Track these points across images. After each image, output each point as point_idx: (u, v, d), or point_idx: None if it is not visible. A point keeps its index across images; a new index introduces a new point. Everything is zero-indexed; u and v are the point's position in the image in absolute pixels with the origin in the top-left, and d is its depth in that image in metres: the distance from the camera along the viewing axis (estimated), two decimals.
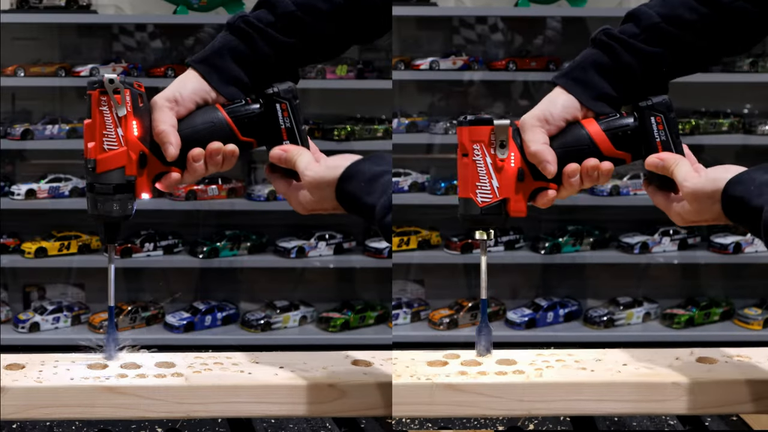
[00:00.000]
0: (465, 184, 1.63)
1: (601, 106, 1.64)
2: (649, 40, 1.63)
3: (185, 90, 1.62)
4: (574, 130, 1.63)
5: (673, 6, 1.63)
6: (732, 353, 1.75)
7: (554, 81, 1.66)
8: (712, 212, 1.55)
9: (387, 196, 1.51)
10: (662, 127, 1.62)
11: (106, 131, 1.57)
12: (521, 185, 1.63)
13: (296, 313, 5.18)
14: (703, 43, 1.65)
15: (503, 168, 1.62)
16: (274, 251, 5.21)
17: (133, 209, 1.61)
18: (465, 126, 1.63)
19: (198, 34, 5.33)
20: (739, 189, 1.49)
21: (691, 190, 1.56)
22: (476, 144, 1.62)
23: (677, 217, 1.61)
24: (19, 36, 5.19)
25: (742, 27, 1.64)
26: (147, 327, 5.12)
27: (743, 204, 1.48)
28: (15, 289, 5.26)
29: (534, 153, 1.60)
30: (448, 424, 2.10)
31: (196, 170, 1.61)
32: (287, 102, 1.63)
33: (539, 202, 1.64)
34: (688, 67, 1.68)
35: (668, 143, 1.63)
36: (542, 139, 1.61)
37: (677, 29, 1.63)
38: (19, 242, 5.10)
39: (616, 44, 1.63)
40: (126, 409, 1.59)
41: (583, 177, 1.62)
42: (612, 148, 1.63)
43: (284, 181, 1.64)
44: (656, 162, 1.61)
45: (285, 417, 2.01)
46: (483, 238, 1.66)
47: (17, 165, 5.27)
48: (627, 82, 1.64)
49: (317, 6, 1.64)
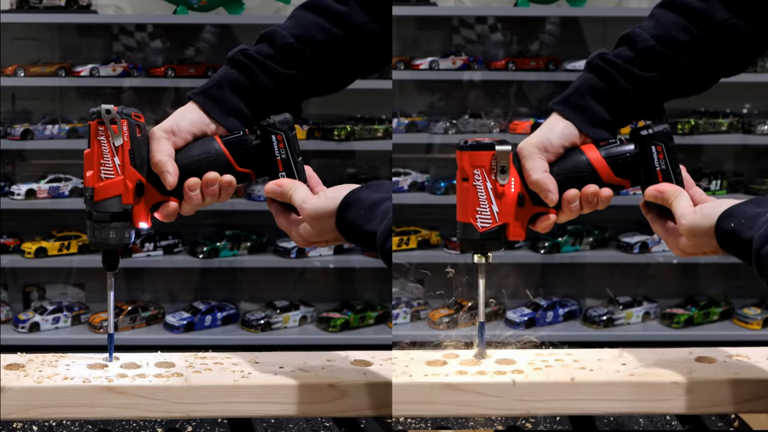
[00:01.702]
0: (464, 208, 1.63)
1: (599, 131, 1.65)
2: (644, 64, 1.64)
3: (183, 122, 1.64)
4: (573, 156, 1.64)
5: (666, 28, 1.64)
6: (731, 353, 1.75)
7: (552, 107, 1.67)
8: (710, 246, 1.57)
9: (387, 223, 1.52)
10: (662, 156, 1.63)
11: (104, 160, 1.60)
12: (521, 210, 1.63)
13: (296, 313, 5.18)
14: (698, 65, 1.66)
15: (504, 193, 1.62)
16: (274, 251, 5.22)
17: (130, 238, 1.63)
18: (466, 151, 1.62)
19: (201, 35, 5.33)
20: (731, 222, 1.51)
21: (687, 227, 1.57)
22: (477, 169, 1.62)
23: (677, 250, 1.63)
24: (19, 36, 5.19)
25: (736, 46, 1.65)
26: (147, 327, 5.12)
27: (735, 237, 1.50)
28: (15, 289, 5.27)
29: (536, 182, 1.61)
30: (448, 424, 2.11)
31: (192, 199, 1.62)
32: (283, 133, 1.64)
33: (539, 227, 1.65)
34: (683, 90, 1.70)
35: (668, 172, 1.63)
36: (542, 167, 1.62)
37: (672, 51, 1.64)
38: (19, 242, 5.10)
39: (611, 69, 1.64)
40: (126, 409, 1.59)
41: (582, 203, 1.64)
42: (612, 174, 1.64)
43: (284, 215, 1.65)
44: (655, 194, 1.63)
45: (285, 417, 2.01)
46: (481, 261, 1.67)
47: (17, 165, 5.27)
48: (623, 106, 1.66)
49: (315, 37, 1.66)
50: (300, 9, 1.70)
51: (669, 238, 1.63)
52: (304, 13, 1.68)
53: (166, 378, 1.62)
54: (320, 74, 1.68)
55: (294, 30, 1.66)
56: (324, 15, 1.67)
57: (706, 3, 1.64)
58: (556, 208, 1.64)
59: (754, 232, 1.45)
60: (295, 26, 1.67)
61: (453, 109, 5.34)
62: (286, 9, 5.06)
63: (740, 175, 5.29)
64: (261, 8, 5.31)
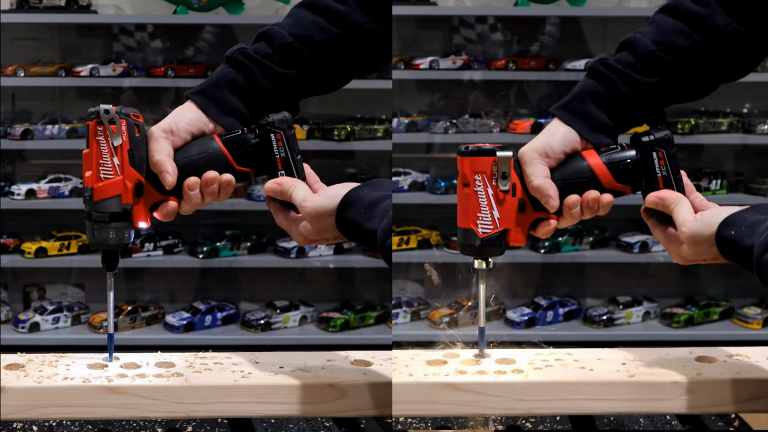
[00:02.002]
0: (465, 214, 1.63)
1: (600, 137, 1.65)
2: (645, 69, 1.64)
3: (182, 121, 1.64)
4: (574, 162, 1.64)
5: (667, 33, 1.64)
6: (731, 352, 1.75)
7: (553, 112, 1.66)
8: (711, 253, 1.57)
9: (387, 221, 1.51)
10: (664, 163, 1.63)
11: (102, 160, 1.60)
12: (522, 216, 1.63)
13: (296, 313, 5.18)
14: (698, 70, 1.66)
15: (504, 199, 1.62)
16: (274, 251, 5.22)
17: (130, 238, 1.63)
18: (467, 156, 1.62)
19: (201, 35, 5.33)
20: (731, 230, 1.51)
21: (688, 235, 1.57)
22: (478, 175, 1.61)
23: (677, 257, 1.63)
24: (19, 36, 5.19)
25: (736, 51, 1.65)
26: (147, 327, 5.12)
27: (735, 244, 1.50)
28: (15, 289, 5.27)
29: (537, 188, 1.61)
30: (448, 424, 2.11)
31: (192, 199, 1.62)
32: (282, 132, 1.64)
33: (540, 232, 1.65)
34: (684, 96, 1.70)
35: (669, 178, 1.63)
36: (543, 172, 1.62)
37: (672, 57, 1.64)
38: (19, 242, 5.10)
39: (612, 75, 1.64)
40: (126, 409, 1.59)
41: (583, 208, 1.64)
42: (613, 180, 1.64)
43: (283, 213, 1.65)
44: (656, 201, 1.63)
45: (285, 417, 2.01)
46: (482, 267, 1.67)
47: (17, 165, 5.27)
48: (624, 111, 1.66)
49: (313, 37, 1.66)
50: (299, 7, 1.69)
51: (670, 245, 1.63)
52: (303, 12, 1.68)
53: (166, 378, 1.62)
54: (319, 74, 1.68)
55: (292, 29, 1.66)
56: (323, 14, 1.66)
57: (707, 8, 1.63)
58: (557, 214, 1.64)
59: (754, 239, 1.45)
60: (294, 25, 1.67)
61: (453, 109, 5.34)
62: (285, 9, 5.05)
63: (740, 175, 5.29)
64: (261, 8, 5.31)
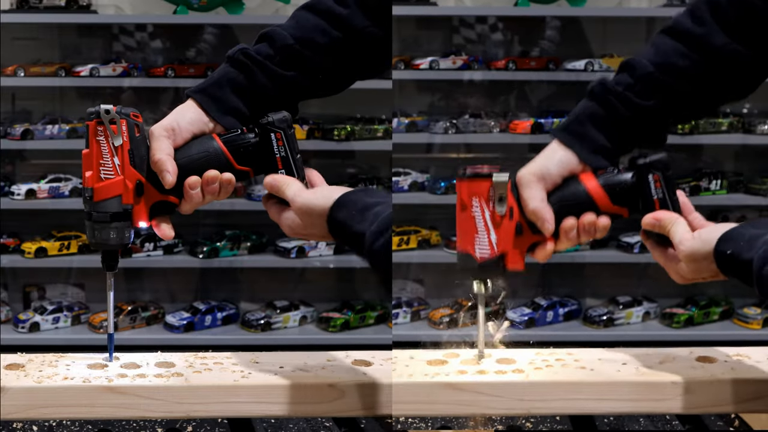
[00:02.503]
0: (463, 237, 1.63)
1: (599, 159, 1.65)
2: (643, 91, 1.64)
3: (183, 120, 1.64)
4: (571, 185, 1.64)
5: (666, 54, 1.64)
6: (731, 352, 1.75)
7: (552, 134, 1.67)
8: (710, 271, 1.57)
9: (378, 224, 1.51)
10: (659, 185, 1.63)
11: (103, 160, 1.60)
12: (519, 239, 1.63)
13: (296, 313, 5.18)
14: (698, 91, 1.66)
15: (501, 223, 1.62)
16: (274, 251, 5.22)
17: (130, 237, 1.64)
18: (464, 180, 1.63)
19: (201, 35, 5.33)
20: (730, 245, 1.51)
21: (686, 253, 1.57)
22: (475, 198, 1.62)
23: (677, 276, 1.63)
24: (19, 36, 5.19)
25: (735, 71, 1.65)
26: (147, 327, 5.12)
27: (734, 259, 1.50)
28: (15, 289, 5.27)
29: (533, 211, 1.61)
30: (448, 424, 2.11)
31: (192, 198, 1.63)
32: (282, 131, 1.64)
33: (537, 255, 1.65)
34: (683, 117, 1.70)
35: (665, 200, 1.63)
36: (540, 195, 1.62)
37: (671, 78, 1.64)
38: (19, 242, 5.10)
39: (611, 97, 1.64)
40: (126, 409, 1.59)
41: (580, 232, 1.64)
42: (609, 203, 1.64)
43: (277, 207, 1.66)
44: (653, 222, 1.63)
45: (285, 417, 2.01)
46: (481, 291, 1.67)
47: (17, 165, 5.27)
48: (623, 133, 1.66)
49: (315, 40, 1.66)
50: (301, 10, 1.70)
51: (669, 265, 1.63)
52: (305, 15, 1.68)
53: (166, 378, 1.62)
54: (319, 76, 1.68)
55: (294, 31, 1.66)
56: (325, 17, 1.67)
57: (705, 27, 1.63)
58: (555, 237, 1.63)
59: (753, 253, 1.45)
60: (296, 27, 1.67)
61: (453, 109, 5.34)
62: (285, 9, 5.06)
63: (740, 175, 5.29)
64: (261, 8, 5.31)
